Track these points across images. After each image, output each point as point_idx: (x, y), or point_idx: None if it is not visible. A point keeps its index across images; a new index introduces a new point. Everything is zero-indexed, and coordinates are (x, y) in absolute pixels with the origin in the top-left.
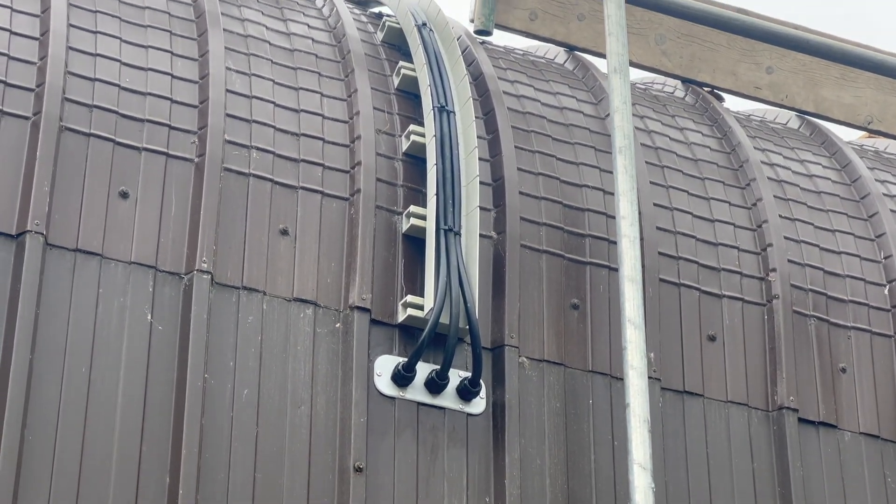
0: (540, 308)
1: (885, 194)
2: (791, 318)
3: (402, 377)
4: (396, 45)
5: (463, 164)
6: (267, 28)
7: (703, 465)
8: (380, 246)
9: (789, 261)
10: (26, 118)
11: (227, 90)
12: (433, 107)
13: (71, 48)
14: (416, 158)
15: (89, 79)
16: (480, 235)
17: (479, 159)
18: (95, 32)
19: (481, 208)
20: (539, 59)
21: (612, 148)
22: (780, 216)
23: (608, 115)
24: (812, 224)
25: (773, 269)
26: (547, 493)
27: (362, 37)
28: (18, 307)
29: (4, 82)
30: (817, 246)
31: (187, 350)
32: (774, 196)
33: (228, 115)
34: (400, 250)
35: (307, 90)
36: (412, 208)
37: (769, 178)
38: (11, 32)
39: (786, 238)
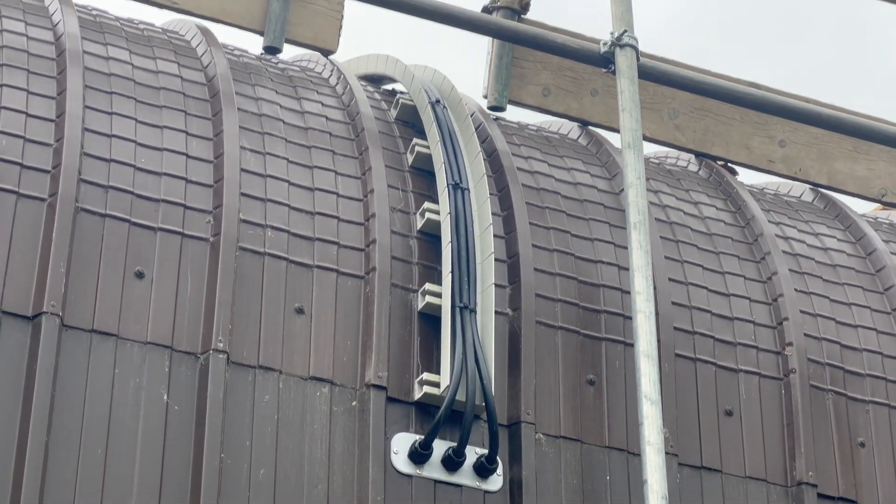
0: (556, 384)
1: None
2: (809, 392)
3: (419, 455)
4: (410, 122)
5: (478, 241)
6: (281, 107)
7: None
8: (395, 324)
9: (806, 335)
10: (42, 199)
11: (242, 169)
12: (447, 184)
13: (87, 129)
14: (430, 236)
15: (105, 160)
16: (496, 312)
17: (494, 236)
18: (111, 113)
19: (496, 285)
20: (553, 134)
21: (626, 223)
22: (796, 290)
23: (622, 190)
24: (828, 297)
25: (790, 343)
26: None
27: (376, 114)
28: (34, 389)
29: (21, 164)
30: (833, 319)
31: (203, 430)
32: (790, 270)
33: (243, 195)
34: (416, 328)
35: (322, 168)
36: (427, 286)
37: (784, 251)
38: (27, 115)
39: (802, 312)
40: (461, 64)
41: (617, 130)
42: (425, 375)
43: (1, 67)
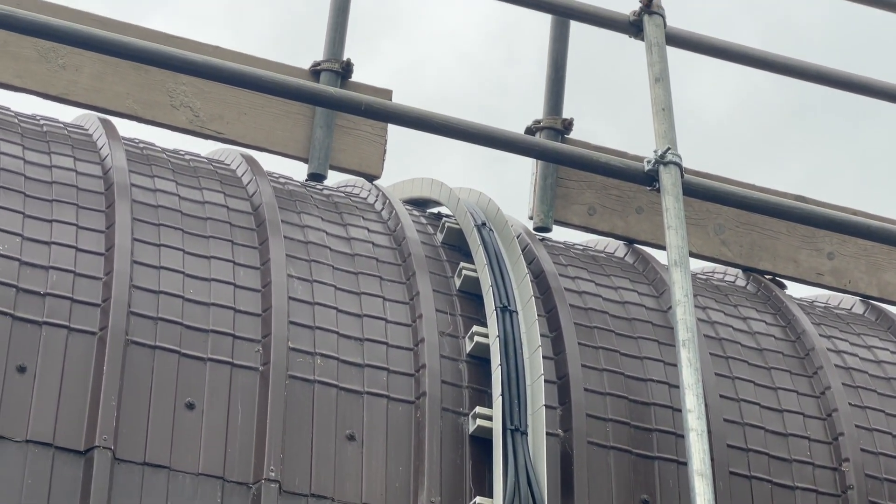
0: None
1: None
2: None
3: None
4: (457, 246)
5: (527, 363)
6: (327, 233)
7: None
8: (447, 448)
9: (862, 450)
10: (93, 333)
11: (290, 297)
12: (496, 307)
13: (136, 262)
14: (480, 359)
15: (154, 292)
16: (547, 434)
17: (543, 357)
18: (159, 245)
19: (547, 406)
20: (599, 253)
21: (675, 341)
22: (850, 404)
23: (670, 307)
24: (884, 411)
25: (846, 459)
26: None
27: (422, 238)
28: None
29: (71, 298)
30: (890, 434)
31: None
32: (843, 383)
33: (292, 323)
34: (467, 452)
35: (369, 294)
36: (478, 409)
37: (837, 365)
38: (77, 249)
39: (857, 426)
40: (506, 184)
41: (663, 247)
42: (478, 499)
43: (51, 203)
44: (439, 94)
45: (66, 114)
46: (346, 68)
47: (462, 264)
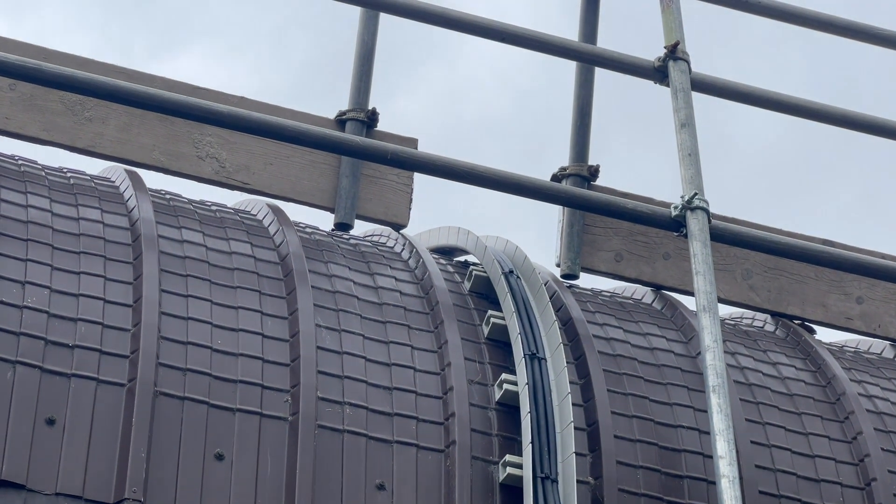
0: None
1: None
2: None
3: None
4: (484, 294)
5: (557, 410)
6: (354, 283)
7: None
8: (477, 497)
9: (895, 495)
10: (122, 385)
11: (318, 347)
12: (524, 354)
13: (163, 313)
14: (509, 407)
15: (182, 342)
16: (578, 481)
17: (573, 405)
18: (187, 296)
19: (577, 454)
20: (627, 299)
21: (705, 387)
22: (883, 449)
23: (699, 353)
24: None
25: None
26: None
27: (450, 287)
28: None
29: (100, 350)
30: None
31: None
32: (875, 429)
33: (320, 372)
34: (498, 500)
35: (397, 343)
36: (508, 457)
37: (868, 410)
38: (105, 301)
39: (890, 472)
40: (532, 230)
41: (691, 293)
42: None
43: (79, 255)
44: (481, 118)
45: (93, 166)
46: (372, 117)
47: (490, 312)
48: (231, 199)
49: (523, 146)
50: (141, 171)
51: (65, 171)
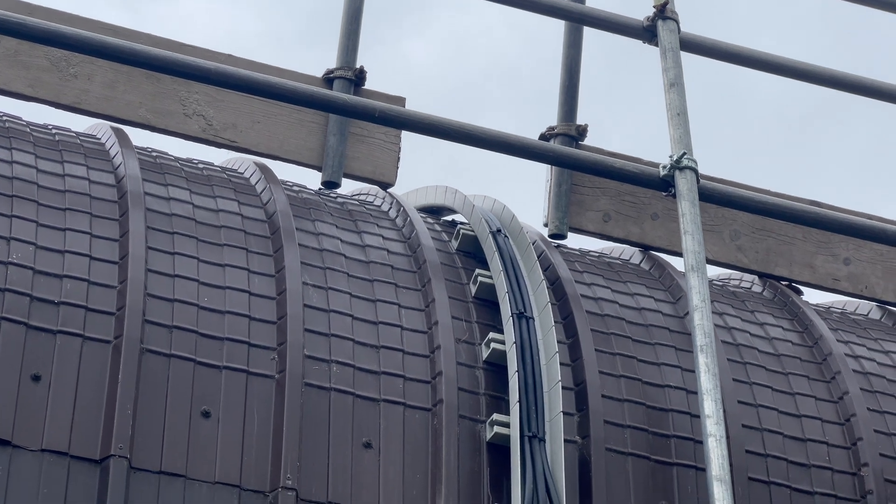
0: None
1: None
2: None
3: None
4: (472, 253)
5: (544, 370)
6: (342, 241)
7: None
8: (464, 455)
9: (881, 455)
10: (108, 342)
11: (305, 305)
12: (512, 313)
13: (150, 270)
14: (496, 366)
15: (168, 300)
16: (565, 440)
17: (560, 364)
18: (173, 254)
19: (564, 413)
20: (615, 260)
21: (692, 347)
22: (869, 409)
23: (687, 313)
24: None
25: (866, 464)
26: None
27: (437, 246)
28: None
29: (86, 307)
30: None
31: None
32: (861, 389)
33: (307, 330)
34: (485, 459)
35: (385, 301)
36: (495, 416)
37: (854, 370)
38: (91, 258)
39: (876, 431)
40: (520, 191)
41: (679, 254)
42: None
43: (64, 212)
44: (490, 64)
45: (79, 123)
46: (360, 76)
47: (477, 271)
48: (218, 157)
49: (532, 91)
50: (127, 129)
51: (50, 127)
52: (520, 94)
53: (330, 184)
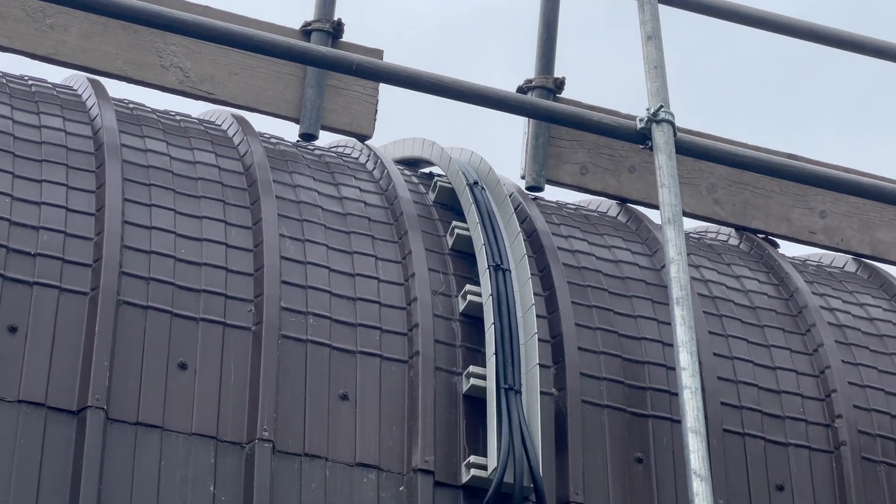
0: (604, 463)
1: None
2: (860, 464)
3: None
4: (449, 205)
5: (521, 322)
6: (319, 193)
7: None
8: (441, 407)
9: (855, 406)
10: (84, 293)
11: (282, 257)
12: (488, 265)
13: (126, 222)
14: (473, 318)
15: (145, 252)
16: (541, 393)
17: (537, 316)
18: (150, 205)
19: (541, 365)
20: (592, 212)
21: (669, 299)
22: (843, 361)
23: (664, 266)
24: (876, 368)
25: (839, 416)
26: None
27: (414, 198)
28: (81, 483)
29: (62, 259)
30: (882, 390)
31: None
32: (836, 341)
33: (284, 282)
34: (461, 411)
35: (362, 254)
36: (472, 368)
37: (829, 323)
38: (68, 209)
39: (850, 383)
40: (498, 144)
41: (656, 207)
42: (472, 458)
43: (41, 163)
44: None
45: (55, 74)
46: (337, 28)
47: (454, 223)
48: (195, 109)
49: (524, 32)
50: (104, 80)
51: (26, 78)
52: (512, 34)
53: (307, 136)
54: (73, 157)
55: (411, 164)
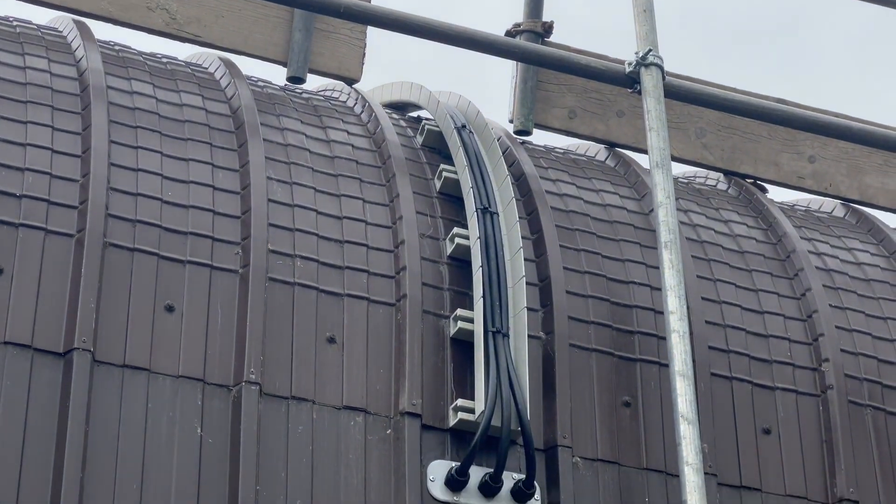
0: (591, 407)
1: None
2: (847, 408)
3: (456, 482)
4: (436, 149)
5: (509, 265)
6: (306, 136)
7: None
8: (428, 351)
9: (842, 350)
10: (70, 235)
11: (269, 200)
12: (476, 209)
13: (113, 164)
14: (461, 261)
15: (132, 194)
16: (529, 336)
17: (525, 260)
18: (136, 148)
19: (528, 309)
20: (580, 156)
21: (657, 243)
22: (831, 305)
23: (652, 210)
24: (863, 312)
25: (826, 360)
26: None
27: (402, 141)
28: (68, 425)
29: (48, 200)
30: (870, 334)
31: (238, 462)
32: (823, 285)
33: (271, 225)
34: (448, 354)
35: (349, 197)
36: (459, 311)
37: (817, 267)
38: (53, 151)
39: (837, 328)
40: (486, 89)
41: (644, 151)
42: (460, 402)
43: (26, 105)
44: None
45: (40, 15)
46: None
47: (442, 166)
48: (182, 51)
49: None
50: (89, 22)
51: (11, 20)
52: None
53: (295, 79)
54: (59, 99)
55: (399, 108)
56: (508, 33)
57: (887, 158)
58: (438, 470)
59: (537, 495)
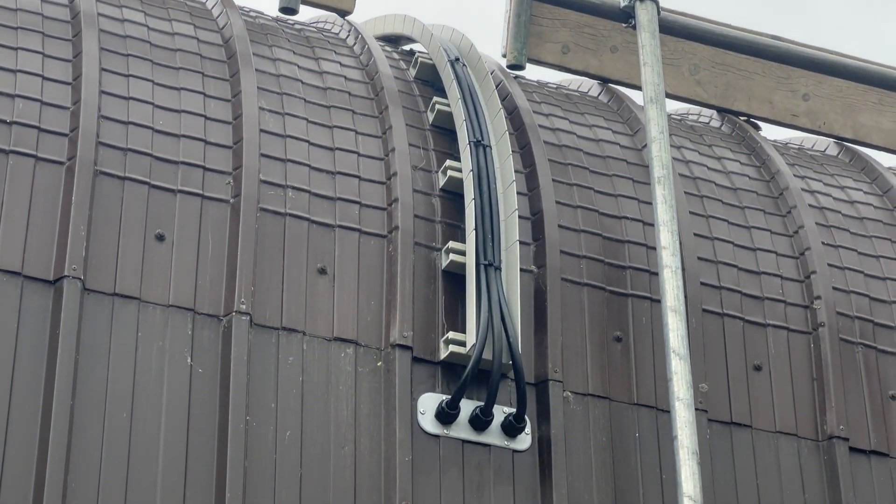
0: (583, 341)
1: None
2: (838, 346)
3: (446, 415)
4: (430, 81)
5: (501, 198)
6: (299, 67)
7: (754, 496)
8: (419, 283)
9: (834, 288)
10: (61, 163)
11: (261, 130)
12: (469, 141)
13: (104, 92)
14: (453, 194)
15: (123, 122)
16: (521, 270)
17: (517, 193)
18: (127, 76)
19: (521, 242)
20: (573, 92)
21: (650, 179)
22: (823, 243)
23: (645, 146)
24: (856, 250)
25: (818, 297)
26: None
27: (395, 73)
28: (58, 353)
29: (38, 128)
30: (862, 272)
31: (228, 393)
32: (816, 223)
33: (263, 155)
34: (440, 287)
35: (341, 128)
36: (451, 244)
37: (810, 205)
38: (44, 78)
39: (829, 265)
40: (480, 23)
41: (638, 87)
42: (451, 334)
43: (16, 31)
44: None
45: None
46: None
47: (435, 99)
48: None
49: None
50: None
51: None
52: None
53: (288, 10)
54: (50, 26)
55: (392, 40)
56: None
57: (882, 97)
58: (429, 403)
59: (527, 429)
